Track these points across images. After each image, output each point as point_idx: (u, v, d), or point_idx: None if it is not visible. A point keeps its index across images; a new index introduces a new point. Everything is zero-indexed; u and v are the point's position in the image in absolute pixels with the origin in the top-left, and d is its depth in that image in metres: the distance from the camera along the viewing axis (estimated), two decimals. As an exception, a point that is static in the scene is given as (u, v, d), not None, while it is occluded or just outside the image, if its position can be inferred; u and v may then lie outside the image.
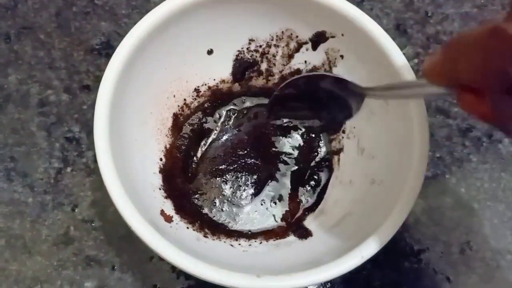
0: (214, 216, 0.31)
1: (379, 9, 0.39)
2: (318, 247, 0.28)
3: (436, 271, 0.32)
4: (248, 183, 0.32)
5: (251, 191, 0.32)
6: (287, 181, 0.32)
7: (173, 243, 0.24)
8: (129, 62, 0.27)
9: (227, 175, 0.32)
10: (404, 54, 0.34)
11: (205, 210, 0.31)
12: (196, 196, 0.31)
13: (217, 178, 0.32)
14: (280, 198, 0.32)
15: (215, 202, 0.31)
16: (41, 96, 0.35)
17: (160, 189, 0.29)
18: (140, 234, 0.24)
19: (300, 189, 0.32)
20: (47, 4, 0.37)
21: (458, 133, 0.36)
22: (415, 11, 0.39)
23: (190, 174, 0.32)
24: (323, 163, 0.32)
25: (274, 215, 0.31)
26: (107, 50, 0.36)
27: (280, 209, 0.31)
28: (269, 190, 0.32)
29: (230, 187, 0.32)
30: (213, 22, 0.30)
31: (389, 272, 0.32)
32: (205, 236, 0.29)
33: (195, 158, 0.32)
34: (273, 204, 0.31)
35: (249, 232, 0.31)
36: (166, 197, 0.29)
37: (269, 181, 0.32)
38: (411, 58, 0.37)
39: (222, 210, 0.31)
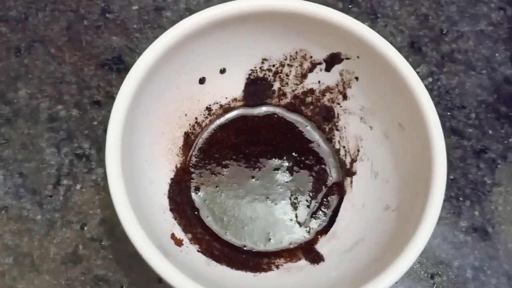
0: (223, 236, 0.31)
1: (393, 26, 0.38)
2: (330, 273, 0.28)
3: (448, 296, 0.32)
4: (259, 200, 0.31)
5: (264, 209, 0.31)
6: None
7: (181, 269, 0.24)
8: (143, 82, 0.27)
9: (239, 192, 0.31)
10: (418, 73, 0.33)
11: (215, 231, 0.31)
12: (207, 217, 0.31)
13: (229, 196, 0.31)
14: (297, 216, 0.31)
15: (225, 221, 0.31)
16: (51, 111, 0.34)
17: (170, 210, 0.29)
18: (148, 260, 0.24)
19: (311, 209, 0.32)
20: (58, 17, 0.37)
21: (472, 155, 0.35)
22: (429, 28, 0.39)
23: (200, 194, 0.31)
24: (334, 185, 0.32)
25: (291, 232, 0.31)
26: (118, 65, 0.36)
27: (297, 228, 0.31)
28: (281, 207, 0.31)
29: (241, 205, 0.31)
30: (226, 41, 0.30)
31: (401, 296, 0.32)
32: (214, 260, 0.28)
33: (205, 176, 0.32)
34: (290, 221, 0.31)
35: (259, 253, 0.30)
36: (175, 219, 0.29)
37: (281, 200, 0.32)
38: (426, 77, 0.37)
39: (232, 229, 0.31)
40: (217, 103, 0.33)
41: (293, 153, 0.32)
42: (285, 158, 0.32)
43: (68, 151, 0.33)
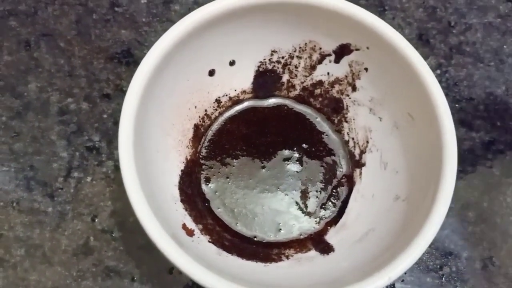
0: (234, 227, 0.31)
1: (401, 18, 0.38)
2: (340, 264, 0.28)
3: (458, 287, 0.32)
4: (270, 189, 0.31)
5: (275, 200, 0.31)
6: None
7: (195, 258, 0.24)
8: (154, 74, 0.27)
9: (249, 182, 0.32)
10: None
11: (226, 222, 0.31)
12: (217, 208, 0.31)
13: (239, 187, 0.31)
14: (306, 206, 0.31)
15: (236, 212, 0.31)
16: (61, 104, 0.35)
17: (181, 201, 0.29)
18: (162, 250, 0.24)
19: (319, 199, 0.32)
20: (67, 11, 0.37)
21: (481, 146, 0.35)
22: (437, 20, 0.39)
23: (210, 185, 0.32)
24: (344, 176, 0.32)
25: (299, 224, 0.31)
26: (127, 58, 0.36)
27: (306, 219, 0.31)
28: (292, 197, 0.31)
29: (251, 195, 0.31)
30: (236, 33, 0.30)
31: None
32: (225, 250, 0.28)
33: (214, 168, 0.32)
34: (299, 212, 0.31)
35: (270, 243, 0.30)
36: (186, 210, 0.29)
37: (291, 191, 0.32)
38: (434, 69, 0.37)
39: (243, 220, 0.31)
40: (226, 95, 0.33)
41: (303, 144, 0.32)
42: (295, 149, 0.32)
43: (78, 144, 0.34)
